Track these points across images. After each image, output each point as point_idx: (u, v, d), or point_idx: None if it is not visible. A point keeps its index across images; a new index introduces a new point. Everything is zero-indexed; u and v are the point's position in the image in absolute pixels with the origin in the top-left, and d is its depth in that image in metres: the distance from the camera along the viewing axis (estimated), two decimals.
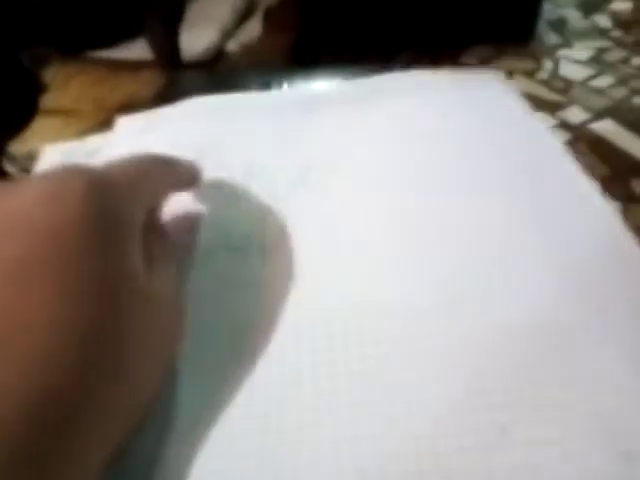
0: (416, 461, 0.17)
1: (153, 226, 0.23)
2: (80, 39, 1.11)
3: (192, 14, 1.37)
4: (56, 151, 0.35)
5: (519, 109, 0.32)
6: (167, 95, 0.40)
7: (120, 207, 0.19)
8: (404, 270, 0.24)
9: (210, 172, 0.28)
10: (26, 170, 0.98)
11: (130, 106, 0.38)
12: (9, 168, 1.09)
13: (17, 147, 1.10)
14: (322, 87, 0.38)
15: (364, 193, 0.28)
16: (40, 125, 1.09)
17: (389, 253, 0.25)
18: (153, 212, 0.23)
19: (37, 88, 1.13)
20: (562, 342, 0.20)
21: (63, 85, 1.32)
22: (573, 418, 0.17)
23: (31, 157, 1.13)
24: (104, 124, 0.36)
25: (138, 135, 0.35)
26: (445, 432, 0.17)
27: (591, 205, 0.25)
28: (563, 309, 0.21)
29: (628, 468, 0.16)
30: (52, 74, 1.23)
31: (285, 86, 0.38)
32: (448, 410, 0.18)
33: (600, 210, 0.25)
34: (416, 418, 0.18)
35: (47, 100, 1.15)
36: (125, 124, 0.36)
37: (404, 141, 0.31)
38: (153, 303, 0.19)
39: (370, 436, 0.18)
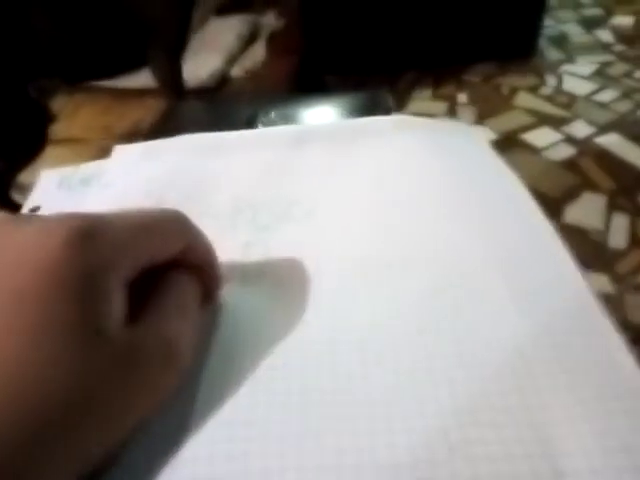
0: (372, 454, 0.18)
1: (162, 275, 0.22)
2: (86, 70, 1.14)
3: (197, 41, 1.39)
4: (52, 177, 0.35)
5: (490, 156, 0.33)
6: (165, 124, 0.40)
7: (103, 257, 0.19)
8: (380, 297, 0.25)
9: (199, 206, 0.29)
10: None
11: (136, 132, 0.39)
12: (17, 197, 1.10)
13: (26, 176, 1.11)
14: (307, 125, 0.39)
15: (345, 226, 0.29)
16: (49, 154, 1.11)
17: (366, 280, 0.26)
18: (186, 256, 0.23)
19: (45, 119, 1.15)
20: (517, 370, 0.21)
21: (72, 114, 1.34)
22: (513, 438, 0.19)
23: None
24: (109, 152, 0.36)
25: (133, 165, 0.35)
26: (400, 445, 0.19)
27: (551, 252, 0.26)
28: (524, 348, 0.22)
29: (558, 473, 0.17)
30: (60, 104, 1.26)
31: (272, 115, 0.39)
32: (402, 420, 0.19)
33: (561, 259, 0.26)
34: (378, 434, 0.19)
35: (56, 130, 1.17)
36: (121, 152, 0.37)
37: (383, 178, 0.32)
38: (129, 354, 0.19)
39: (344, 448, 0.19)
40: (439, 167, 0.32)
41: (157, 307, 0.20)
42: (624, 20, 1.90)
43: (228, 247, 0.26)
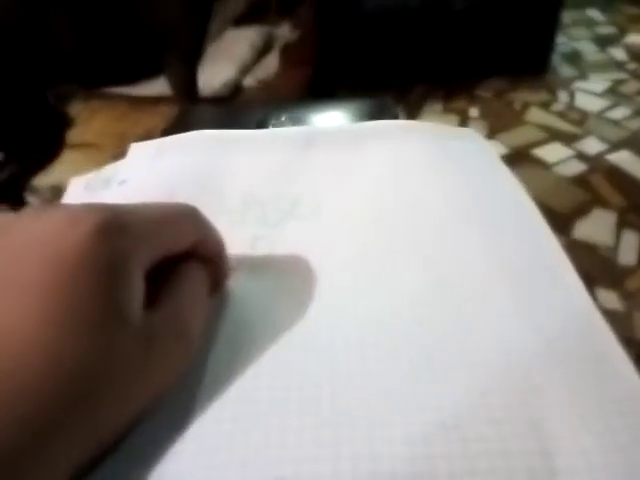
0: (369, 445, 0.18)
1: (178, 265, 0.23)
2: (104, 76, 1.16)
3: (212, 51, 1.41)
4: (79, 182, 0.37)
5: (497, 164, 0.34)
6: (178, 126, 0.41)
7: (127, 247, 0.20)
8: (382, 295, 0.25)
9: (210, 201, 0.30)
10: (47, 202, 1.00)
11: (150, 140, 0.40)
12: (31, 200, 1.12)
13: (41, 179, 1.13)
14: (316, 127, 0.40)
15: (350, 224, 0.30)
16: (64, 158, 1.13)
17: (369, 278, 0.26)
18: (199, 249, 0.24)
19: (63, 124, 1.17)
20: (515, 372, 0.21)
21: (87, 120, 1.37)
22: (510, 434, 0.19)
23: (53, 189, 1.16)
24: (123, 156, 0.37)
25: (148, 161, 0.36)
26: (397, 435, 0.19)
27: (553, 261, 0.26)
28: (524, 351, 0.22)
29: (547, 461, 0.18)
30: (77, 110, 1.28)
31: (283, 118, 0.40)
32: (401, 409, 0.19)
33: (563, 268, 0.26)
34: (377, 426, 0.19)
35: (72, 135, 1.19)
36: (138, 150, 0.38)
37: (389, 179, 0.33)
38: (148, 337, 0.20)
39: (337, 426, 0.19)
40: (445, 170, 0.32)
41: (172, 295, 0.21)
42: (638, 39, 1.91)
43: (237, 241, 0.27)
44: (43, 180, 1.11)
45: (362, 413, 0.19)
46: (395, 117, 0.40)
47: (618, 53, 1.82)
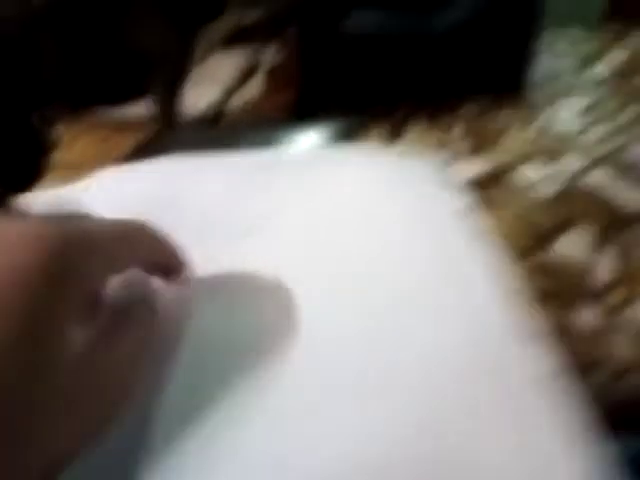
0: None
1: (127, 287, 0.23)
2: (89, 98, 1.17)
3: (197, 73, 1.43)
4: (41, 203, 0.37)
5: (451, 188, 0.35)
6: (149, 146, 0.42)
7: (71, 267, 0.19)
8: (340, 312, 0.26)
9: (169, 220, 0.31)
10: None
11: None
12: None
13: (21, 203, 1.13)
14: (277, 151, 0.41)
15: (307, 245, 0.30)
16: (46, 181, 1.13)
17: (327, 294, 0.27)
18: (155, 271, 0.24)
19: (46, 147, 1.17)
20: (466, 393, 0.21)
21: (70, 142, 1.37)
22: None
23: None
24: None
25: (110, 186, 0.37)
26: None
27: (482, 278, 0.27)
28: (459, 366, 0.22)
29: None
30: (60, 132, 1.28)
31: (251, 140, 0.41)
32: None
33: (504, 288, 0.27)
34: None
35: (54, 157, 1.19)
36: (101, 176, 0.39)
37: (344, 201, 0.34)
38: (85, 367, 0.19)
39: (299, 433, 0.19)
40: (399, 194, 0.33)
41: (115, 332, 0.21)
42: (618, 57, 1.93)
43: (197, 260, 0.28)
44: (23, 204, 1.11)
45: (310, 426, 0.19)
46: (361, 138, 0.41)
47: (599, 70, 1.85)
